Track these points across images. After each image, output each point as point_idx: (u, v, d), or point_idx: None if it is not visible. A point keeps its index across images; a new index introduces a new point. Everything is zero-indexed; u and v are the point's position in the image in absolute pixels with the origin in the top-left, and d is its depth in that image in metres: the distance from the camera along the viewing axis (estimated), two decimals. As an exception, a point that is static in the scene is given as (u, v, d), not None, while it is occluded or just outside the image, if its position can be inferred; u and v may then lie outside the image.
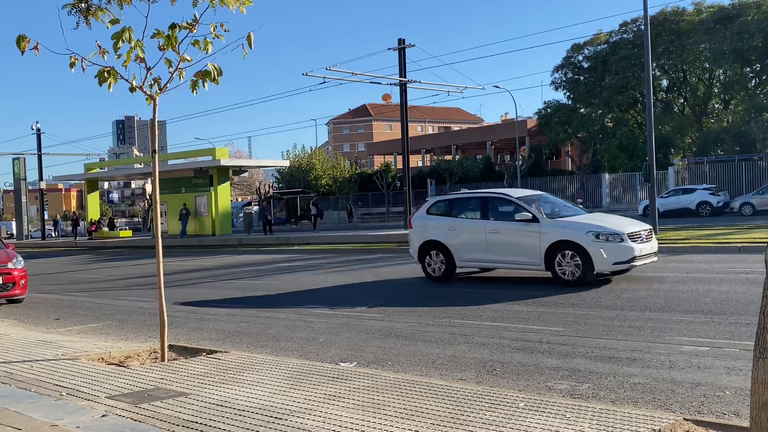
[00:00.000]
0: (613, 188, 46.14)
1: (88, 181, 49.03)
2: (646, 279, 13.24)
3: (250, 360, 7.54)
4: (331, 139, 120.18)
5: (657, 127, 44.50)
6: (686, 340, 7.88)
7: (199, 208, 39.73)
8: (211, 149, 42.46)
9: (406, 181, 32.12)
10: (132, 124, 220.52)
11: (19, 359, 7.98)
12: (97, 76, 7.00)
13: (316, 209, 41.95)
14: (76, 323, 11.82)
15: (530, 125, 61.11)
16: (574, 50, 55.34)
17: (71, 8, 7.06)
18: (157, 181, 8.20)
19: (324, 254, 25.25)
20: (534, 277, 14.06)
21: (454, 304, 11.55)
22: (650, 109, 23.62)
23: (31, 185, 70.15)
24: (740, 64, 46.59)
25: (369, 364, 7.53)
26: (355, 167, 65.30)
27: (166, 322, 7.77)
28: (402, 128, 31.82)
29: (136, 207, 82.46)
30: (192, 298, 14.39)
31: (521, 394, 5.77)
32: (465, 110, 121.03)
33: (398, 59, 31.56)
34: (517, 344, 8.17)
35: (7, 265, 14.43)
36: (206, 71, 7.06)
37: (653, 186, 23.45)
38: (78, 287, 18.33)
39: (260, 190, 60.97)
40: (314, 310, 11.84)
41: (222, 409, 5.56)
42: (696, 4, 51.16)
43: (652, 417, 4.99)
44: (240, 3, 6.89)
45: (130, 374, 7.01)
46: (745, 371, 6.29)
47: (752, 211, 31.59)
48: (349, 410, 5.40)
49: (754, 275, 12.64)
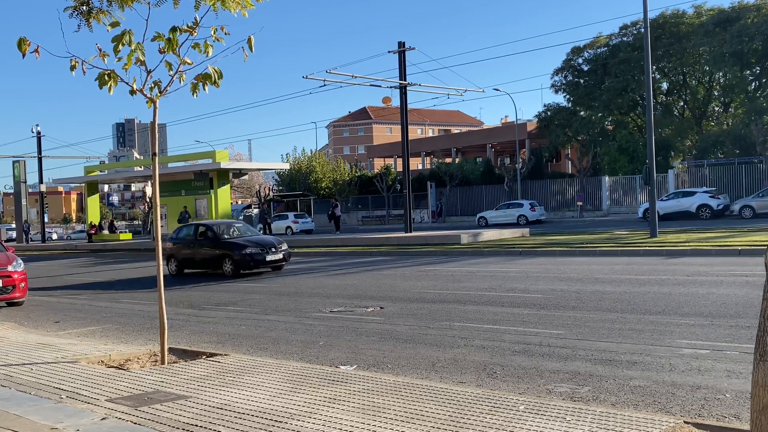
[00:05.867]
0: (613, 191, 46.12)
1: (88, 184, 49.00)
2: (646, 282, 13.24)
3: (250, 363, 7.53)
4: (331, 141, 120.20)
5: (657, 129, 44.52)
6: (686, 342, 7.88)
7: (199, 211, 39.69)
8: (211, 152, 42.44)
9: (406, 184, 32.12)
10: (132, 126, 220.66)
11: (18, 362, 7.98)
12: (97, 79, 7.01)
13: (338, 212, 41.87)
14: (75, 326, 11.81)
15: (530, 128, 61.09)
16: (574, 53, 55.33)
17: (72, 11, 7.06)
18: (157, 184, 8.20)
19: (324, 257, 25.26)
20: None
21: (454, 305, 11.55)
22: (650, 111, 23.64)
23: (31, 188, 70.16)
24: (740, 67, 46.58)
25: (369, 367, 7.53)
26: (355, 170, 65.30)
27: (166, 325, 7.77)
28: (402, 131, 31.83)
29: (137, 210, 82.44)
30: (192, 301, 14.39)
31: (521, 397, 5.77)
32: (465, 113, 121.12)
33: (398, 62, 31.58)
34: (518, 347, 8.17)
35: (7, 268, 14.43)
36: (207, 74, 7.06)
37: (653, 189, 23.46)
38: (77, 290, 18.33)
39: (260, 193, 60.97)
40: (314, 312, 11.84)
41: (222, 412, 5.55)
42: (696, 7, 51.16)
43: (653, 420, 4.99)
44: (241, 6, 6.90)
45: (130, 377, 7.00)
46: (745, 374, 6.28)
47: (752, 213, 31.59)
48: (349, 413, 5.39)
49: (754, 278, 12.64)
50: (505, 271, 16.79)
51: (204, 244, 20.54)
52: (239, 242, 19.62)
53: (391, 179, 56.81)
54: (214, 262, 20.01)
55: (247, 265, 19.19)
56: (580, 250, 20.34)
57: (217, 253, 19.89)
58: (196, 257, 20.75)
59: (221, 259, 19.62)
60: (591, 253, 19.74)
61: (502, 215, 41.78)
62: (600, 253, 19.67)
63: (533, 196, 47.67)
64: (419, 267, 19.04)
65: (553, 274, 15.38)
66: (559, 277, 14.76)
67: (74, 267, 28.01)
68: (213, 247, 20.12)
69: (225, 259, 19.50)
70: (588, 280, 13.86)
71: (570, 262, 18.06)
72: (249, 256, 19.11)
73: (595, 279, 14.05)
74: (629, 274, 14.65)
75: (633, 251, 19.28)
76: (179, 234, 22.14)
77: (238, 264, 19.16)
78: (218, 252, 19.87)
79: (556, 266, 16.93)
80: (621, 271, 15.13)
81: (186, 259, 21.00)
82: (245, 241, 19.75)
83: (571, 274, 15.18)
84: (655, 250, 19.06)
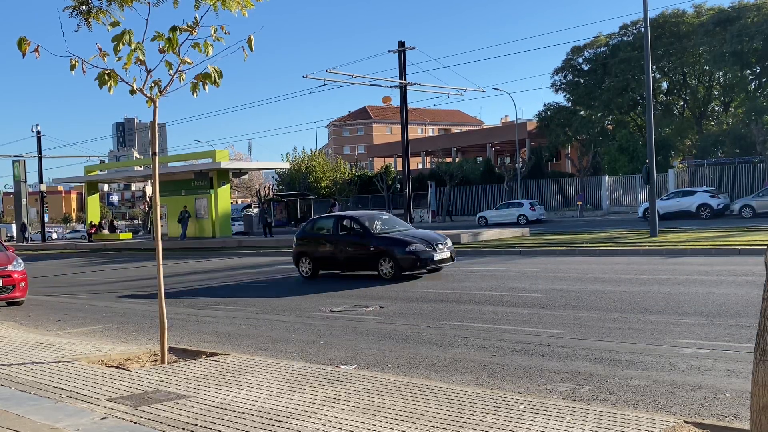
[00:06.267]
0: (613, 190, 46.13)
1: (88, 184, 49.01)
2: (646, 282, 13.24)
3: (250, 362, 7.53)
4: (331, 141, 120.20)
5: (657, 129, 44.50)
6: (686, 342, 7.88)
7: (199, 211, 39.70)
8: (211, 152, 42.45)
9: (406, 184, 32.14)
10: (132, 126, 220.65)
11: (19, 362, 7.98)
12: (97, 79, 7.01)
13: (335, 211, 41.77)
14: (76, 326, 11.82)
15: (530, 127, 61.09)
16: (574, 53, 55.35)
17: (72, 10, 7.06)
18: (157, 184, 8.19)
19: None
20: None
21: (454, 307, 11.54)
22: (650, 111, 23.64)
23: (31, 188, 70.15)
24: (740, 66, 46.58)
25: (369, 367, 7.53)
26: (355, 169, 65.31)
27: (166, 324, 7.77)
28: (402, 130, 31.85)
29: (137, 209, 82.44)
30: (192, 301, 14.39)
31: (521, 397, 5.77)
32: (465, 113, 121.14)
33: (398, 62, 31.59)
34: (518, 346, 8.17)
35: (7, 267, 14.43)
36: (206, 74, 7.06)
37: (653, 188, 23.46)
38: (78, 290, 18.33)
39: (260, 193, 60.97)
40: (314, 312, 11.84)
41: (222, 412, 5.55)
42: (696, 7, 51.18)
43: (653, 419, 4.99)
44: (242, 6, 6.90)
45: (130, 377, 7.00)
46: (745, 374, 6.28)
47: (752, 213, 31.59)
48: (349, 413, 5.39)
49: (754, 277, 12.64)
50: (504, 270, 16.80)
51: (350, 239, 16.96)
52: (401, 237, 16.24)
53: (391, 179, 56.84)
54: (366, 261, 16.62)
55: (413, 265, 15.84)
56: (580, 250, 20.34)
57: (370, 251, 16.32)
58: (339, 256, 17.15)
59: (376, 259, 16.19)
60: (591, 253, 19.74)
61: (502, 215, 41.79)
62: (600, 252, 19.68)
63: (533, 196, 47.68)
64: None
65: (553, 273, 15.38)
66: (559, 276, 14.76)
67: (74, 266, 28.01)
68: (363, 244, 16.56)
69: (382, 258, 16.04)
70: (588, 280, 13.87)
71: (570, 261, 18.06)
72: (414, 255, 15.76)
73: (595, 278, 14.06)
74: (629, 273, 14.65)
75: (633, 251, 19.29)
76: (312, 228, 18.58)
77: (401, 264, 15.77)
78: (372, 249, 16.31)
79: (556, 266, 16.93)
80: (621, 271, 15.14)
81: (323, 258, 17.52)
82: (407, 236, 16.43)
83: (571, 273, 15.19)
84: (655, 249, 19.07)
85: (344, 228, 17.31)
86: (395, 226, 17.58)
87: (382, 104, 76.14)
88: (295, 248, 18.24)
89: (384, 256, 16.04)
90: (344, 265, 17.24)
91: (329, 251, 17.37)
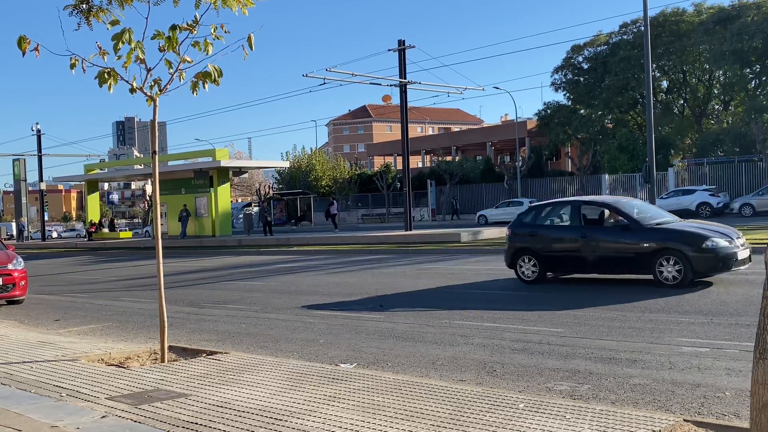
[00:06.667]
0: (613, 189, 46.12)
1: (88, 182, 49.03)
2: (646, 281, 13.23)
3: (250, 361, 7.53)
4: (331, 140, 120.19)
5: (657, 128, 44.49)
6: (686, 341, 7.88)
7: (199, 209, 39.72)
8: (211, 150, 42.47)
9: (406, 182, 32.12)
10: (132, 125, 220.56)
11: (19, 360, 7.98)
12: (97, 77, 7.01)
13: (333, 210, 41.74)
14: (76, 324, 11.82)
15: (530, 126, 61.12)
16: (574, 51, 55.37)
17: (72, 9, 7.06)
18: (157, 182, 8.19)
19: (324, 255, 25.25)
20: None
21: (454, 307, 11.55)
22: (650, 110, 23.66)
23: (31, 186, 70.17)
24: (740, 65, 46.60)
25: (369, 365, 7.53)
26: (355, 168, 65.30)
27: (166, 323, 7.77)
28: (402, 129, 31.82)
29: (137, 208, 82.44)
30: (192, 299, 14.39)
31: (521, 396, 5.77)
32: (465, 111, 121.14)
33: (398, 60, 31.55)
34: (517, 345, 8.17)
35: (8, 266, 14.43)
36: (206, 72, 7.06)
37: (653, 187, 23.49)
38: (78, 288, 18.34)
39: (260, 191, 60.98)
40: (314, 311, 11.84)
41: (222, 410, 5.56)
42: (696, 5, 51.21)
43: (652, 418, 4.99)
44: (242, 4, 6.89)
45: (130, 375, 7.00)
46: (745, 372, 6.29)
47: (752, 212, 31.62)
48: (349, 411, 5.40)
49: (754, 276, 12.64)
50: (504, 269, 16.77)
51: (606, 233, 13.07)
52: (691, 230, 12.43)
53: (391, 177, 56.84)
54: (632, 262, 12.66)
55: (713, 266, 11.90)
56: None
57: (642, 247, 12.34)
58: (588, 254, 13.10)
59: (651, 258, 12.20)
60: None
61: (502, 213, 41.79)
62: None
63: (533, 195, 47.69)
64: (419, 265, 19.04)
65: (553, 272, 15.34)
66: (559, 275, 14.73)
67: (74, 265, 28.02)
68: (629, 239, 12.59)
69: (662, 257, 12.06)
70: (587, 279, 13.85)
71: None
72: (713, 253, 11.79)
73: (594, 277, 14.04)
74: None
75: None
76: (537, 217, 14.42)
77: (694, 266, 11.80)
78: (645, 245, 12.34)
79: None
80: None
81: (559, 258, 13.73)
82: (699, 228, 12.66)
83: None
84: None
85: (593, 218, 13.70)
86: (659, 215, 13.66)
87: (382, 103, 76.09)
88: (511, 243, 14.39)
89: (666, 255, 12.06)
90: (595, 266, 13.22)
91: (569, 248, 13.44)
